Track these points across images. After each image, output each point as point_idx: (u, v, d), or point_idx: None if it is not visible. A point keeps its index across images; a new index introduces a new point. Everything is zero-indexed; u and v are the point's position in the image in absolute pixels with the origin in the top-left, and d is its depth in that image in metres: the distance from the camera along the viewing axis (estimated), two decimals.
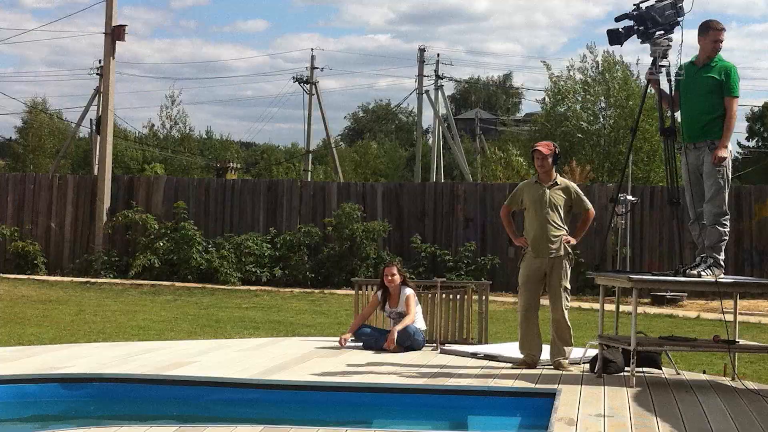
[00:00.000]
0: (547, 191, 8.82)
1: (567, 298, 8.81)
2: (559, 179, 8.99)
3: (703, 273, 8.13)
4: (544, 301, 8.98)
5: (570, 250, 8.86)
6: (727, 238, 8.31)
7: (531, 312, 8.84)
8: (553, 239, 8.74)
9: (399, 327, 9.73)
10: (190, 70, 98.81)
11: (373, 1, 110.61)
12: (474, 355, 9.40)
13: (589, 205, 9.05)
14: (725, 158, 8.20)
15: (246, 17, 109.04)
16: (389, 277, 9.97)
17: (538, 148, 8.96)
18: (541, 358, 8.93)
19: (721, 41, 8.34)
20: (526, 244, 8.88)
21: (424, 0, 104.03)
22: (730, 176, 8.37)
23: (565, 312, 8.77)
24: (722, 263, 8.26)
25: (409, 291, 9.95)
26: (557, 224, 8.78)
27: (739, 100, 8.53)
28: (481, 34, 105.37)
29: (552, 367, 8.70)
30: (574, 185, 9.17)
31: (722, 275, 8.30)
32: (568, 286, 8.84)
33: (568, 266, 8.87)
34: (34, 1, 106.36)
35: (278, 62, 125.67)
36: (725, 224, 8.26)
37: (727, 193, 8.30)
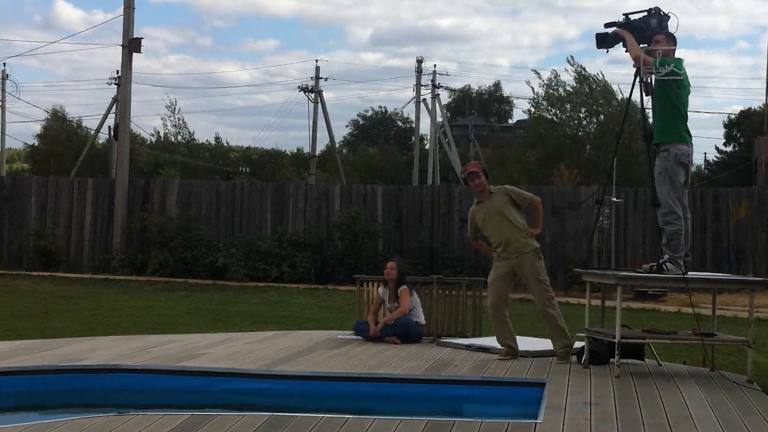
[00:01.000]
0: (489, 204, 8.86)
1: (547, 290, 8.70)
2: (493, 188, 8.97)
3: (667, 267, 8.12)
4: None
5: (536, 246, 8.78)
6: (680, 234, 8.24)
7: (498, 308, 8.79)
8: (513, 240, 8.70)
9: (388, 317, 9.82)
10: (198, 83, 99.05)
11: (373, 24, 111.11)
12: (468, 347, 9.41)
13: (531, 196, 9.01)
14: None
15: (257, 38, 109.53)
16: (387, 270, 10.03)
17: (470, 170, 8.96)
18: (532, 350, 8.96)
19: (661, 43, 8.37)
20: (493, 251, 8.95)
21: (419, 25, 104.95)
22: (678, 174, 8.28)
23: (550, 303, 8.66)
24: (680, 260, 8.19)
25: (404, 287, 9.99)
26: (510, 226, 8.73)
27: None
28: (470, 51, 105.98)
29: (558, 358, 8.60)
30: (507, 186, 9.20)
31: (673, 270, 8.18)
32: (544, 278, 8.72)
33: (536, 260, 8.74)
34: (58, 20, 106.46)
35: (287, 72, 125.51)
36: (674, 223, 8.22)
37: (670, 191, 8.21)
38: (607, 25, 8.55)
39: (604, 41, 8.56)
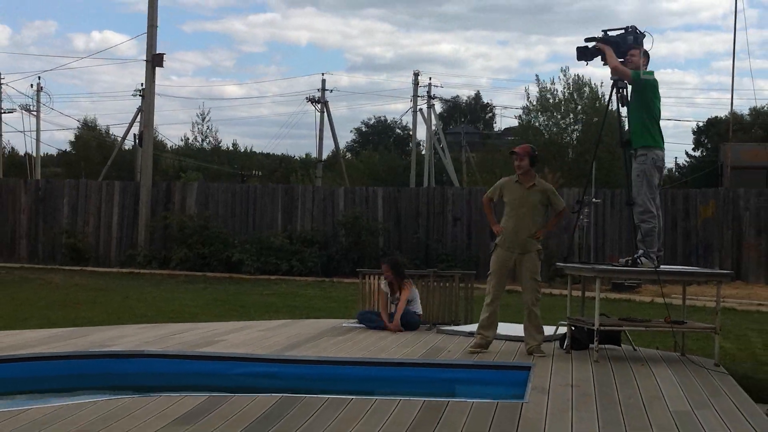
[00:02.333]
0: (527, 192, 8.33)
1: (538, 290, 8.33)
2: (537, 181, 8.46)
3: (641, 261, 8.12)
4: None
5: (540, 246, 8.40)
6: (655, 231, 8.24)
7: (496, 301, 8.36)
8: (525, 237, 8.27)
9: (397, 314, 9.79)
10: (217, 93, 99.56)
11: (379, 44, 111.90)
12: (471, 334, 9.25)
13: (563, 204, 8.62)
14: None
15: (268, 64, 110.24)
16: (383, 273, 10.06)
17: (515, 150, 8.48)
18: (508, 334, 8.89)
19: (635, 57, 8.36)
20: (499, 232, 8.37)
21: (415, 50, 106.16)
22: (654, 177, 8.24)
23: (537, 303, 8.32)
24: (653, 254, 8.18)
25: (407, 279, 10.00)
26: (531, 223, 8.30)
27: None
28: (460, 69, 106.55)
29: (526, 352, 8.20)
30: (550, 187, 8.68)
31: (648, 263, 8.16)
32: (539, 279, 8.34)
33: (537, 260, 8.33)
34: (92, 42, 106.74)
35: (296, 86, 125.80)
36: (649, 221, 8.22)
37: (647, 192, 8.19)
38: (587, 40, 8.55)
39: (584, 54, 8.56)
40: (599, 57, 8.47)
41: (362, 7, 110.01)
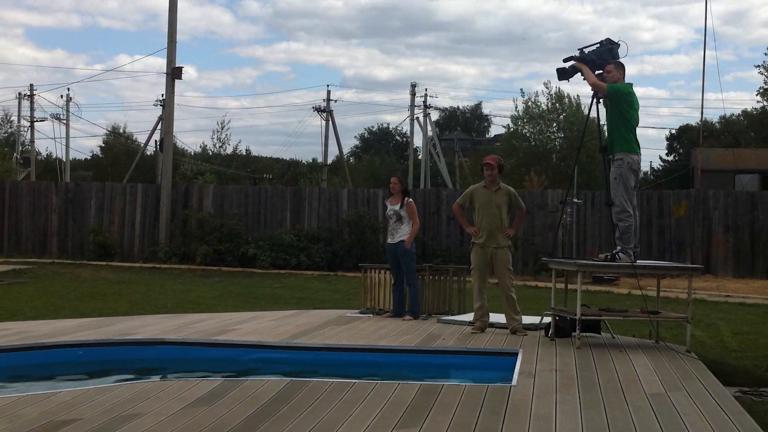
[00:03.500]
0: (493, 195, 8.82)
1: (511, 278, 8.77)
2: (502, 185, 8.95)
3: (619, 256, 8.13)
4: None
5: (509, 243, 8.86)
6: (631, 229, 8.24)
7: (483, 290, 8.85)
8: (497, 234, 8.75)
9: (408, 239, 9.68)
10: (230, 104, 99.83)
11: (381, 64, 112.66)
12: (468, 323, 9.26)
13: (523, 205, 9.04)
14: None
15: (281, 82, 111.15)
16: (392, 184, 9.93)
17: (487, 161, 8.93)
18: (499, 322, 8.98)
19: (610, 73, 8.31)
20: (476, 233, 8.83)
21: (410, 70, 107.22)
22: (630, 179, 8.24)
23: (512, 288, 8.75)
24: (630, 250, 8.20)
25: (410, 200, 9.89)
26: (500, 221, 8.77)
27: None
28: (454, 82, 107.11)
29: (510, 332, 8.65)
30: (512, 189, 9.11)
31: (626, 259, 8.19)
32: (512, 269, 8.83)
33: (508, 254, 8.84)
34: (119, 60, 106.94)
35: (305, 97, 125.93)
36: (626, 219, 8.22)
37: (623, 193, 8.18)
38: (565, 60, 8.55)
39: (564, 74, 8.57)
40: (579, 74, 8.47)
41: (352, 37, 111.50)
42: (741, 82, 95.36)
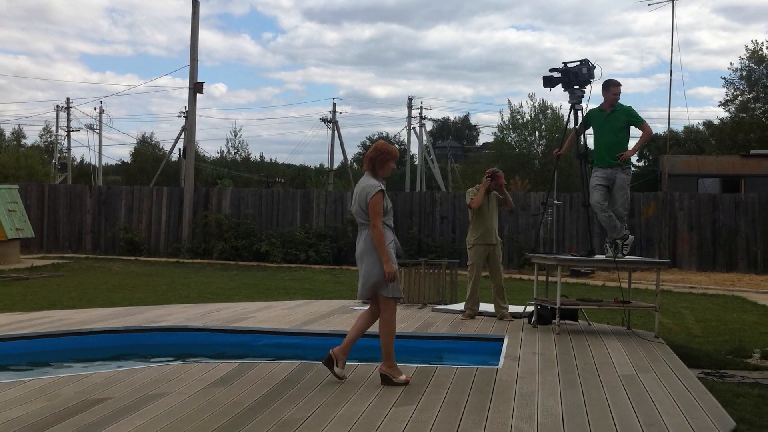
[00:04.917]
0: (493, 199, 8.99)
1: (502, 271, 8.99)
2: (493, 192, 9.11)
3: (622, 253, 8.21)
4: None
5: (501, 239, 9.09)
6: (613, 219, 8.33)
7: (476, 283, 8.96)
8: (494, 231, 8.93)
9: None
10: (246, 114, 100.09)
11: (382, 83, 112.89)
12: (462, 313, 9.25)
13: (512, 203, 9.14)
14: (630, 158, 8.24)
15: (294, 99, 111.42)
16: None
17: (497, 174, 8.96)
18: (486, 311, 9.07)
19: (619, 93, 8.32)
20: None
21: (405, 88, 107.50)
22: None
23: (503, 280, 8.95)
24: (619, 241, 8.32)
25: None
26: (496, 222, 9.00)
27: (634, 133, 8.55)
28: (449, 94, 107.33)
29: (497, 318, 8.80)
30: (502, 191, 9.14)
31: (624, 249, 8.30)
32: (502, 263, 9.07)
33: (501, 250, 9.05)
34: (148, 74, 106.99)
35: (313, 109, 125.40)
36: (601, 214, 8.32)
37: (628, 198, 8.41)
38: (551, 71, 8.57)
39: (549, 82, 8.58)
40: (560, 84, 8.49)
41: (351, 63, 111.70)
42: (693, 99, 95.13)
